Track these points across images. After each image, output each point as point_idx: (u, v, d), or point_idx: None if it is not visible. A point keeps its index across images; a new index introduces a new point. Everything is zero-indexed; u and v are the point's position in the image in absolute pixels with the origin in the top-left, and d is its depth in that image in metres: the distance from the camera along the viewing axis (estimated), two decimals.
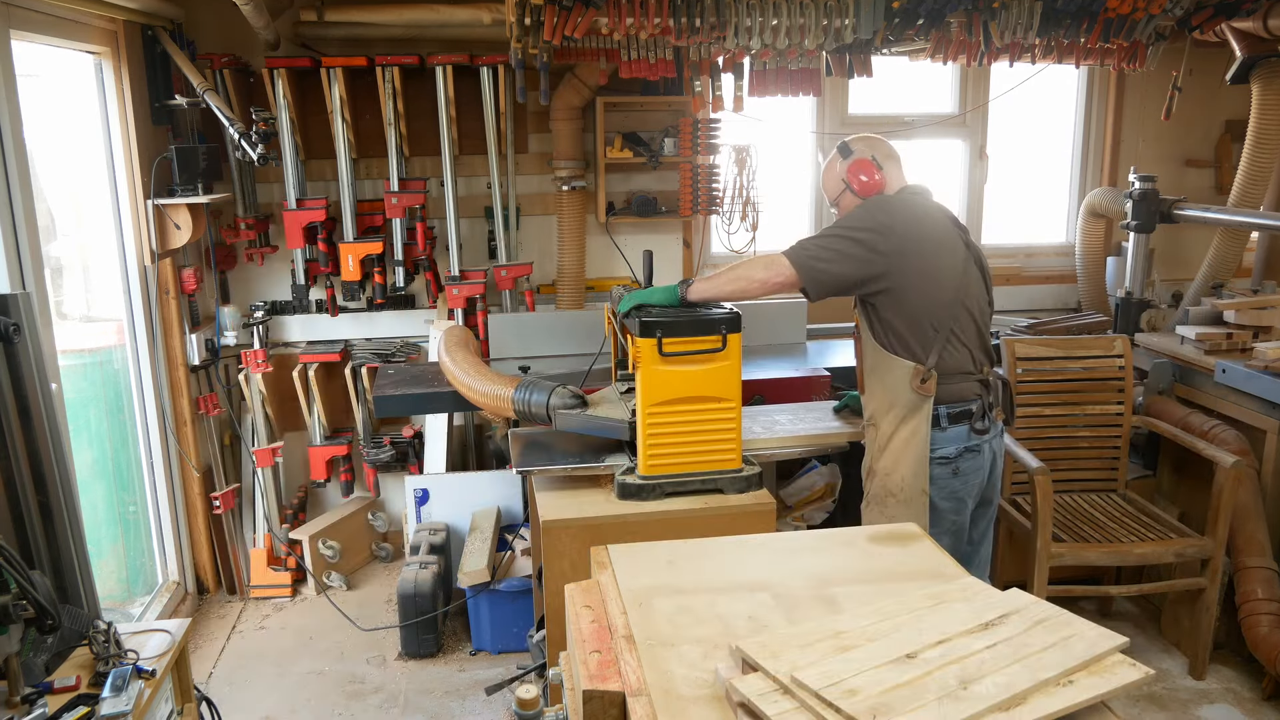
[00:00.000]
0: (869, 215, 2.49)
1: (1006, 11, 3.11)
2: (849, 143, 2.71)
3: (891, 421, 2.50)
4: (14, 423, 2.09)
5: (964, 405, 2.51)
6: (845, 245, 2.44)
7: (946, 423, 2.49)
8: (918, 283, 2.44)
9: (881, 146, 2.67)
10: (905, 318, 2.46)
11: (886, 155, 2.66)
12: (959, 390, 2.50)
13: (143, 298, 3.62)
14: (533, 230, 4.33)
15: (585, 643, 1.42)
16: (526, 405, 2.73)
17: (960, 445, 2.51)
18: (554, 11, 2.89)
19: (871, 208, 2.52)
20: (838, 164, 2.69)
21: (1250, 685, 3.18)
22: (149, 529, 3.74)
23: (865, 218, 2.48)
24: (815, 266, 2.43)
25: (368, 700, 3.26)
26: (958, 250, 2.52)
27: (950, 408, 2.49)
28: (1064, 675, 1.21)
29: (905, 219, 2.48)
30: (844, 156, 2.68)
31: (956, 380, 2.49)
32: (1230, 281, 4.20)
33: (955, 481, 2.53)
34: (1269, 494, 3.22)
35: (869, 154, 2.63)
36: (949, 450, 2.50)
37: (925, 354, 2.45)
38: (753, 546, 1.75)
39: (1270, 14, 3.53)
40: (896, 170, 2.66)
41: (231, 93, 3.83)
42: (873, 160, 2.62)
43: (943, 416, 2.48)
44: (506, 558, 3.53)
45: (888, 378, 2.49)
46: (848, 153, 2.67)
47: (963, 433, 2.51)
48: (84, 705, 1.92)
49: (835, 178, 2.69)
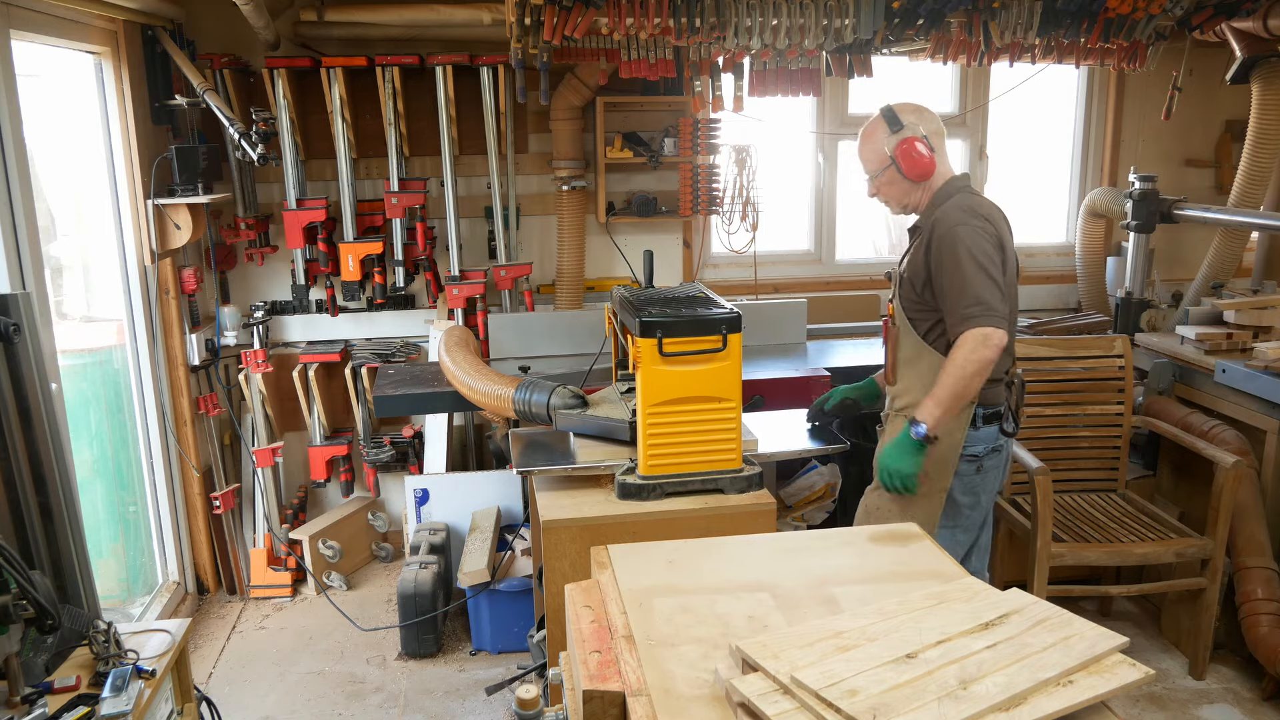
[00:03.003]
0: (981, 229, 2.34)
1: (1006, 11, 3.12)
2: (898, 112, 2.48)
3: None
4: (14, 423, 2.09)
5: (996, 407, 2.50)
6: (994, 270, 2.32)
7: (981, 423, 2.47)
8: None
9: (932, 122, 2.49)
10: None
11: (936, 133, 2.48)
12: (995, 393, 2.49)
13: (143, 298, 3.62)
14: (533, 230, 4.33)
15: (585, 643, 1.42)
16: (527, 405, 2.73)
17: (989, 445, 2.51)
18: (554, 11, 2.89)
19: (973, 216, 2.36)
20: (882, 134, 2.48)
21: (1250, 685, 3.18)
22: (149, 529, 3.74)
23: (981, 234, 2.34)
24: (1003, 312, 2.32)
25: (368, 700, 3.26)
26: (1014, 260, 2.48)
27: (986, 409, 2.47)
28: (1064, 675, 1.21)
29: (1000, 226, 2.40)
30: (892, 129, 2.46)
31: (994, 387, 2.47)
32: (1230, 281, 4.20)
33: (978, 478, 2.53)
34: (1269, 494, 3.22)
35: (920, 130, 2.45)
36: (978, 449, 2.49)
37: None
38: (753, 546, 1.76)
39: (1270, 14, 3.53)
40: (945, 154, 2.52)
41: (231, 93, 3.83)
42: (925, 140, 2.43)
43: (979, 417, 2.46)
44: (506, 558, 3.53)
45: (930, 376, 2.41)
46: (897, 125, 2.45)
47: (993, 433, 2.51)
48: (84, 705, 1.91)
49: (879, 150, 2.49)
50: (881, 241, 5.37)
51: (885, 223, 5.32)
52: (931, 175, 2.46)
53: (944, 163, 2.50)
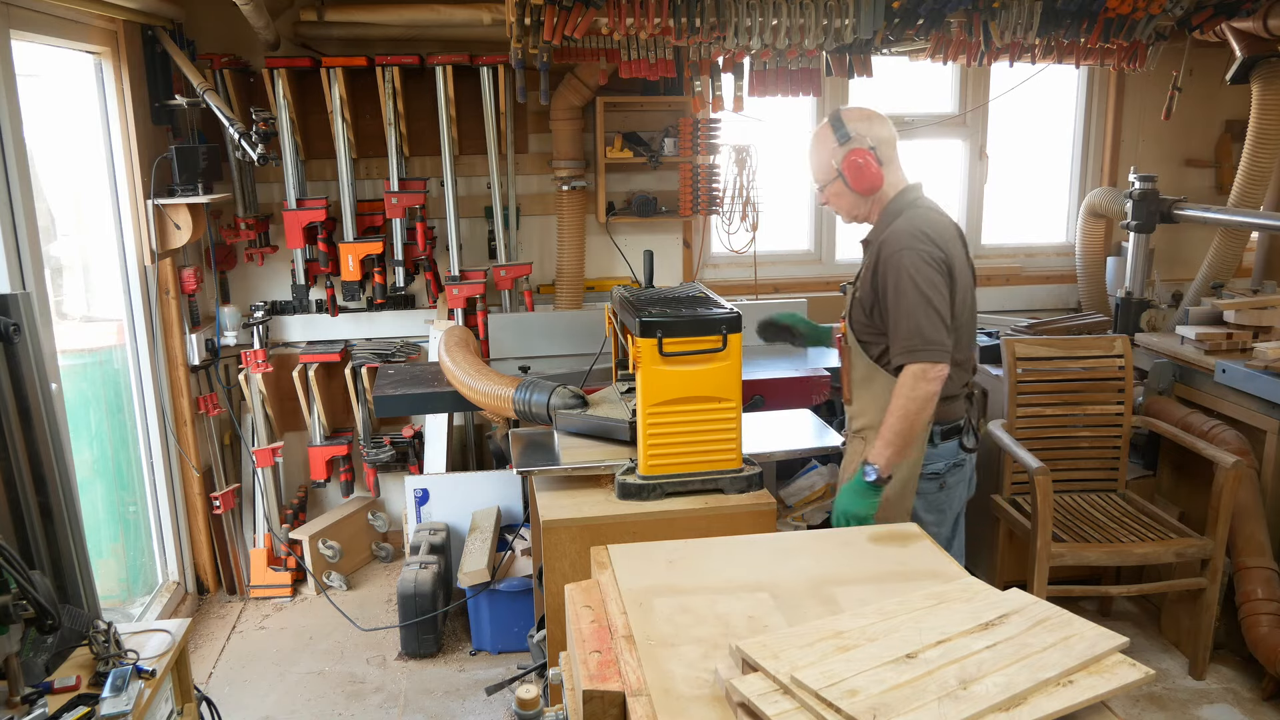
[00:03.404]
0: (926, 255, 2.25)
1: (1006, 11, 3.12)
2: (845, 120, 2.38)
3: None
4: (14, 423, 2.09)
5: (955, 422, 2.45)
6: (938, 299, 2.24)
7: (939, 440, 2.42)
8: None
9: (883, 129, 2.39)
10: None
11: (887, 141, 2.39)
12: (953, 409, 2.44)
13: (143, 298, 3.62)
14: (533, 230, 4.33)
15: (585, 643, 1.42)
16: (527, 405, 2.73)
17: (950, 461, 2.46)
18: (554, 11, 2.89)
19: (919, 240, 2.27)
20: (830, 144, 2.40)
21: (1250, 685, 3.18)
22: (149, 529, 3.74)
23: (925, 260, 2.25)
24: (947, 345, 2.26)
25: (368, 700, 3.26)
26: (969, 274, 2.40)
27: (943, 425, 2.42)
28: (1064, 675, 1.21)
29: (949, 249, 2.30)
30: (839, 139, 2.38)
31: (951, 403, 2.42)
32: (1230, 281, 4.20)
33: (942, 495, 2.48)
34: (1269, 494, 3.22)
35: (869, 142, 2.36)
36: (939, 466, 2.44)
37: None
38: (753, 546, 1.76)
39: (1270, 14, 3.53)
40: (898, 164, 2.43)
41: (231, 93, 3.83)
42: (873, 152, 2.35)
43: (936, 434, 2.41)
44: (506, 558, 3.53)
45: (884, 397, 2.35)
46: (844, 135, 2.37)
47: (953, 449, 2.45)
48: (84, 705, 1.91)
49: (826, 161, 2.42)
50: None
51: None
52: (880, 188, 2.38)
53: (895, 173, 2.42)
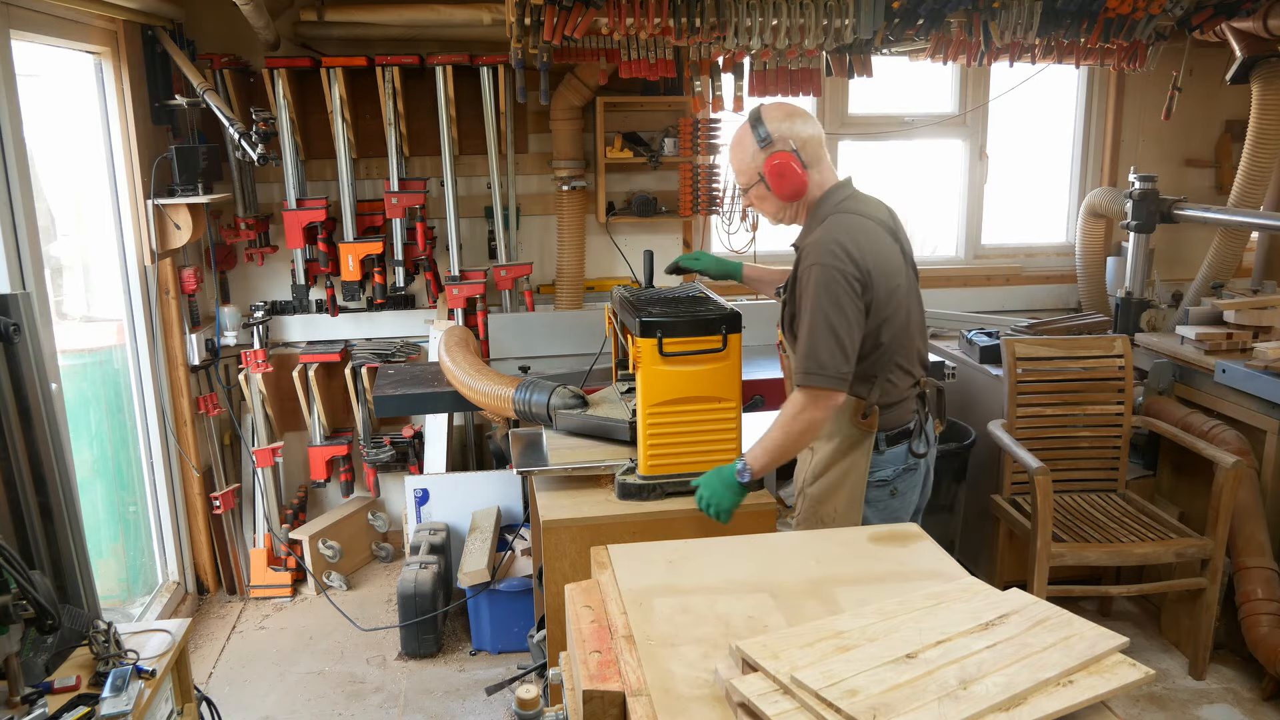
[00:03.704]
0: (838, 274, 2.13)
1: (1006, 11, 3.12)
2: (766, 121, 2.24)
3: (829, 452, 2.31)
4: (14, 423, 2.09)
5: (902, 426, 2.34)
6: (842, 324, 2.14)
7: (885, 446, 2.31)
8: (873, 326, 2.21)
9: (806, 128, 2.25)
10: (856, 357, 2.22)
11: (811, 140, 2.25)
12: (898, 415, 2.33)
13: (143, 298, 3.62)
14: (533, 230, 4.33)
15: (585, 643, 1.42)
16: (527, 405, 2.73)
17: (899, 467, 2.35)
18: (554, 11, 2.89)
19: (834, 255, 2.14)
20: (751, 146, 2.26)
21: (1250, 685, 3.18)
22: (149, 529, 3.74)
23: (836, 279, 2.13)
24: (844, 373, 2.15)
25: (368, 700, 3.26)
26: (903, 272, 2.26)
27: (888, 432, 2.31)
28: (1064, 675, 1.21)
29: (873, 261, 2.17)
30: (760, 143, 2.24)
31: (896, 408, 2.32)
32: (1230, 281, 4.20)
33: (894, 502, 2.37)
34: (1269, 494, 3.22)
35: (791, 144, 2.23)
36: (887, 473, 2.33)
37: (869, 390, 2.25)
38: (753, 546, 1.76)
39: (1270, 14, 3.53)
40: (826, 162, 2.29)
41: (231, 93, 3.83)
42: (796, 156, 2.22)
43: (882, 440, 2.30)
44: (506, 558, 3.53)
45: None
46: (765, 139, 2.24)
47: (901, 454, 2.34)
48: (84, 705, 1.91)
49: (748, 164, 2.29)
50: None
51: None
52: (805, 193, 2.27)
53: (822, 171, 2.29)
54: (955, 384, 3.72)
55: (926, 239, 5.37)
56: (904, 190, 4.90)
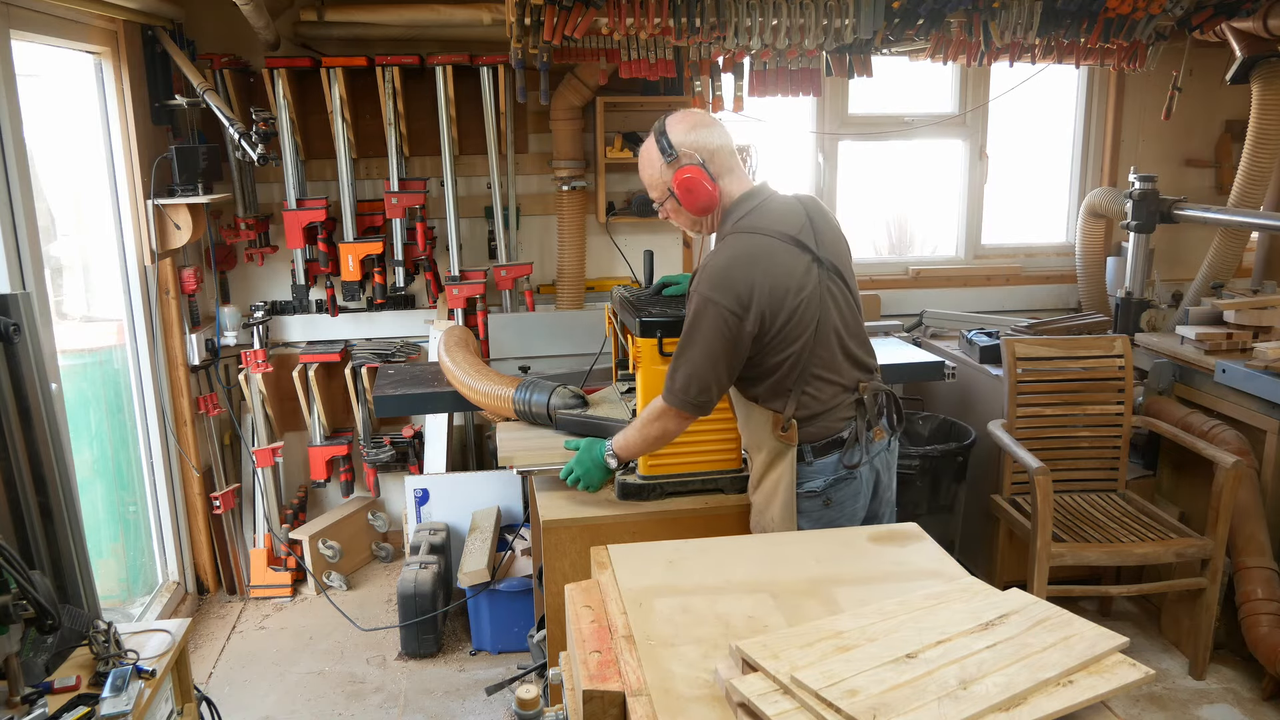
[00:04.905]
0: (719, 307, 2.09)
1: (1006, 11, 3.12)
2: (670, 133, 2.18)
3: (761, 462, 2.28)
4: (14, 423, 2.09)
5: (833, 436, 2.23)
6: (706, 356, 2.11)
7: (812, 457, 2.22)
8: (774, 344, 2.15)
9: (714, 137, 2.20)
10: (760, 373, 2.20)
11: (720, 149, 2.20)
12: (825, 427, 2.23)
13: (143, 298, 3.62)
14: (533, 230, 4.33)
15: (585, 643, 1.42)
16: (527, 405, 2.73)
17: (830, 477, 2.24)
18: (554, 11, 2.89)
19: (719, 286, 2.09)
20: (658, 162, 2.21)
21: (1250, 685, 3.18)
22: (149, 529, 3.74)
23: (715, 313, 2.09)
24: (700, 401, 2.15)
25: (368, 700, 3.26)
26: (810, 284, 2.16)
27: (816, 443, 2.22)
28: (1064, 675, 1.21)
29: (763, 288, 2.10)
30: (666, 157, 2.19)
31: (822, 418, 2.22)
32: (1230, 281, 4.20)
33: (830, 512, 2.27)
34: (1269, 494, 3.22)
35: (698, 157, 2.17)
36: (817, 484, 2.24)
37: (784, 404, 2.19)
38: (753, 546, 1.76)
39: (1270, 14, 3.53)
40: (737, 171, 2.24)
41: (231, 93, 3.83)
42: (703, 169, 2.16)
43: (808, 451, 2.22)
44: (506, 558, 3.53)
45: (750, 422, 2.28)
46: (671, 153, 2.18)
47: (831, 464, 2.24)
48: (84, 705, 1.91)
49: (656, 178, 2.24)
50: (881, 241, 5.37)
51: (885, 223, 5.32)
52: (716, 205, 2.21)
53: (733, 180, 2.23)
54: (955, 384, 3.72)
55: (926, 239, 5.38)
56: (904, 190, 4.91)
